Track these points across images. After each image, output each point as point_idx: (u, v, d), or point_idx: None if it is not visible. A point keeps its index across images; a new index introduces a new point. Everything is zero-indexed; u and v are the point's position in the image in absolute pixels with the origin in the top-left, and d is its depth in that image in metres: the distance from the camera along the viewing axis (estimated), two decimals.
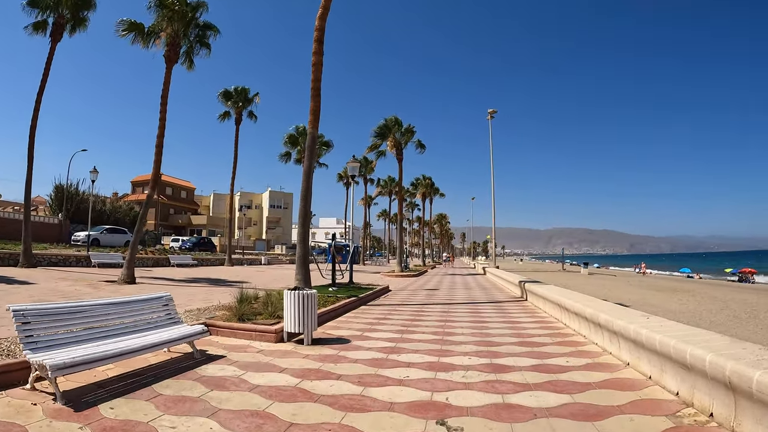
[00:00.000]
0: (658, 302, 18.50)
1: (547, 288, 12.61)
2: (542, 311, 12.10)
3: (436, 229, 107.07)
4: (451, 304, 13.68)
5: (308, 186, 13.14)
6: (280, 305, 8.26)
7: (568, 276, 39.52)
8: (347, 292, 14.30)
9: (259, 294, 10.82)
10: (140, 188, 73.27)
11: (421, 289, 19.36)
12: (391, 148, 33.55)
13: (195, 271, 26.37)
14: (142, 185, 73.31)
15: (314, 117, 13.40)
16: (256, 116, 36.94)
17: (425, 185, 57.79)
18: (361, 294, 13.93)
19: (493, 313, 11.66)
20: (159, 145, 19.32)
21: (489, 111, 43.70)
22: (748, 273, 47.32)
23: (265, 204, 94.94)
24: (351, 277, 17.94)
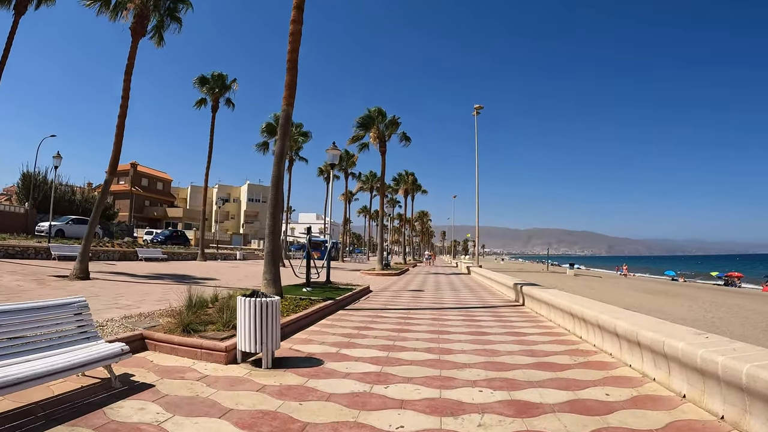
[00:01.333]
0: (662, 307, 17.21)
1: (550, 293, 11.07)
2: (545, 318, 10.59)
3: (417, 227, 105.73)
4: (440, 309, 12.06)
5: (280, 171, 11.40)
6: None
7: (555, 277, 38.30)
8: (323, 293, 12.61)
9: (220, 295, 9.14)
10: (115, 179, 70.65)
11: (404, 290, 17.73)
12: (374, 140, 31.79)
13: (163, 266, 24.50)
14: (117, 175, 70.61)
15: (289, 92, 11.69)
16: (234, 104, 35.43)
17: (408, 181, 56.05)
18: (338, 296, 12.25)
19: (491, 321, 10.06)
20: (120, 125, 17.71)
21: (475, 107, 42.32)
22: (735, 277, 46.84)
23: (243, 197, 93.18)
24: (328, 275, 16.24)
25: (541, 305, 11.22)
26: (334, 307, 11.04)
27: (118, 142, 17.65)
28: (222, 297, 9.90)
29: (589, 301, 9.07)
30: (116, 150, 17.68)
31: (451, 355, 6.58)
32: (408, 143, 33.14)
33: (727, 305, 19.38)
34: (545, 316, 10.79)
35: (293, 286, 14.33)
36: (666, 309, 17.08)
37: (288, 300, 10.42)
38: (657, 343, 5.39)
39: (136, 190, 69.40)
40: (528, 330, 9.05)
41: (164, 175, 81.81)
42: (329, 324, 9.11)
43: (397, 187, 57.30)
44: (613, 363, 6.35)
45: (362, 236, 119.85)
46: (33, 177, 38.63)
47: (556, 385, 5.24)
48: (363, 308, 11.79)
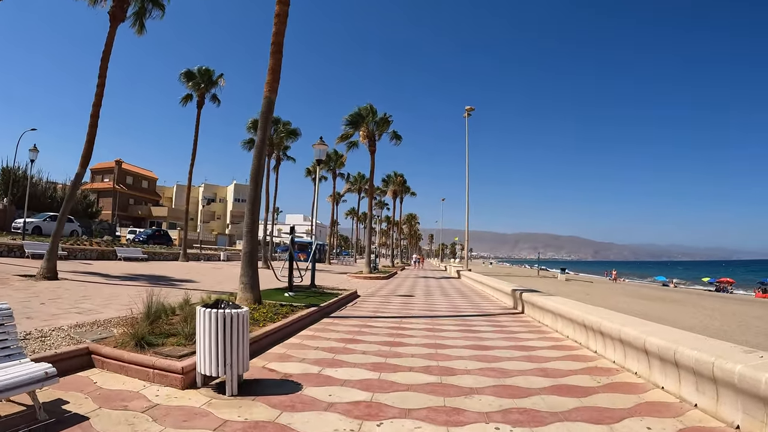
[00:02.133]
0: (664, 314, 16.35)
1: (555, 300, 10.12)
2: (549, 329, 9.65)
3: (406, 230, 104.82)
4: (434, 317, 11.07)
5: (260, 164, 10.36)
6: None
7: (547, 282, 37.44)
8: (306, 299, 11.57)
9: (191, 300, 8.12)
10: (99, 176, 69.44)
11: (394, 295, 16.73)
12: (363, 139, 30.74)
13: (141, 267, 23.32)
14: (101, 173, 69.48)
15: (273, 77, 10.66)
16: (220, 100, 34.54)
17: (397, 182, 55.05)
18: (323, 302, 11.20)
19: (492, 332, 9.08)
20: (95, 114, 16.84)
21: (466, 108, 41.50)
22: (726, 283, 46.52)
23: (229, 197, 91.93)
24: (313, 279, 15.16)
25: (545, 314, 10.29)
26: (318, 314, 10.01)
27: (92, 133, 16.73)
28: (193, 303, 8.89)
29: (605, 312, 8.12)
30: (89, 142, 16.72)
31: (454, 377, 5.58)
32: (399, 142, 32.17)
33: (730, 312, 18.63)
34: (550, 326, 9.86)
35: (275, 290, 13.29)
36: (668, 316, 16.26)
37: (267, 307, 9.37)
38: (703, 365, 4.50)
39: (120, 188, 67.83)
40: (535, 343, 8.08)
41: (149, 173, 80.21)
42: (312, 335, 8.07)
43: (386, 189, 56.33)
44: (641, 385, 5.44)
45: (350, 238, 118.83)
46: (12, 172, 37.19)
47: (586, 417, 4.29)
48: (350, 316, 10.77)
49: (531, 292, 12.42)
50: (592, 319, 7.42)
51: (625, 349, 6.28)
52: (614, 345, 6.66)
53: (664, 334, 5.68)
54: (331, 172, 53.53)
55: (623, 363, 6.32)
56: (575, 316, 8.19)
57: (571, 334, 8.50)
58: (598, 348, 7.24)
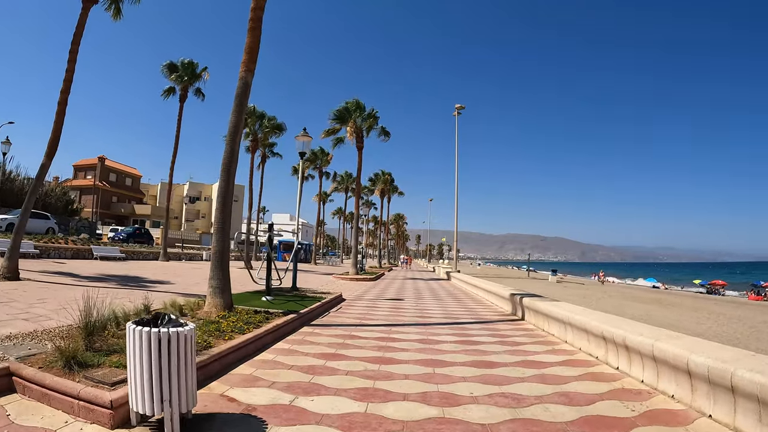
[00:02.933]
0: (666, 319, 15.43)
1: (564, 308, 9.08)
2: (557, 339, 8.64)
3: (393, 230, 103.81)
4: (427, 326, 9.99)
5: (233, 151, 9.22)
6: None
7: (539, 284, 36.51)
8: (285, 304, 10.48)
9: (152, 306, 7.05)
10: (82, 173, 68.00)
11: (382, 299, 15.63)
12: (350, 135, 29.61)
13: (117, 266, 22.14)
14: (84, 170, 67.98)
15: (249, 57, 9.57)
16: (204, 94, 33.53)
17: (384, 181, 53.88)
18: (304, 307, 10.11)
19: (495, 344, 8.02)
20: (63, 102, 15.92)
21: (456, 107, 40.68)
22: (718, 285, 46.10)
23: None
24: (294, 281, 14.05)
25: (551, 322, 9.28)
26: (297, 322, 8.90)
27: (59, 121, 15.80)
28: (156, 309, 7.78)
29: (626, 322, 7.09)
30: (56, 131, 15.74)
31: (459, 408, 4.49)
32: (387, 138, 31.10)
33: (735, 317, 17.86)
34: (557, 335, 8.84)
35: (252, 293, 12.19)
36: (672, 321, 15.36)
37: (238, 315, 8.26)
38: None
39: (102, 185, 66.23)
40: (545, 357, 7.06)
41: (133, 170, 78.49)
42: (288, 349, 6.97)
43: (373, 188, 55.20)
44: (686, 414, 4.49)
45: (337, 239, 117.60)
46: None
47: None
48: (333, 324, 9.66)
49: (532, 297, 11.42)
50: (615, 332, 6.41)
51: (659, 367, 5.30)
52: (643, 362, 5.67)
53: (711, 352, 4.69)
54: (318, 170, 52.39)
55: (655, 384, 5.34)
56: (592, 327, 7.18)
57: (585, 347, 7.50)
58: (621, 364, 6.25)
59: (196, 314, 8.32)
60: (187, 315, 8.21)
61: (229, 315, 8.13)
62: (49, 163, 15.93)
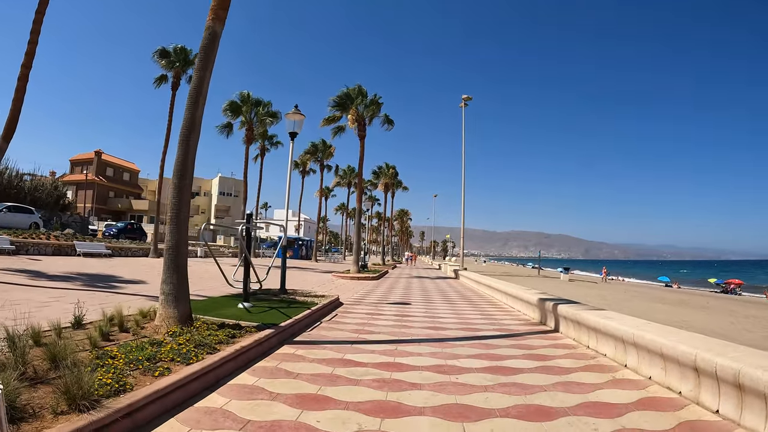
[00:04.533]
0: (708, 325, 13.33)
1: (626, 322, 6.95)
2: (611, 361, 6.62)
3: (397, 227, 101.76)
4: (442, 342, 7.87)
5: (194, 119, 7.14)
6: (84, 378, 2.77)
7: (552, 283, 34.35)
8: (265, 313, 8.43)
9: (87, 317, 5.11)
10: (79, 168, 66.02)
11: (385, 303, 13.52)
12: (351, 123, 27.49)
13: (98, 264, 20.51)
14: (81, 164, 66.16)
15: (219, 3, 7.52)
16: None
17: (388, 175, 51.60)
18: (287, 318, 8.05)
19: (536, 372, 5.94)
20: (23, 77, 14.10)
21: (463, 97, 38.65)
22: (734, 284, 43.85)
23: (214, 191, 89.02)
24: (283, 282, 11.99)
25: (600, 337, 7.22)
26: (274, 339, 6.84)
27: (19, 99, 14.19)
28: (89, 323, 5.84)
29: (729, 347, 5.04)
30: (15, 110, 14.12)
31: None
32: (391, 127, 28.99)
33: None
34: (611, 356, 6.80)
35: (229, 298, 10.18)
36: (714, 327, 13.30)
37: (196, 330, 6.24)
38: None
39: (99, 180, 64.50)
40: (612, 396, 4.99)
41: (131, 165, 76.59)
42: (249, 387, 4.89)
43: (377, 182, 52.98)
44: None
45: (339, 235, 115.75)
46: None
47: None
48: (323, 341, 7.54)
49: (569, 304, 9.32)
50: (721, 363, 4.36)
51: None
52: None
53: None
54: (319, 163, 50.27)
55: None
56: (680, 352, 5.10)
57: (659, 377, 5.48)
58: (727, 408, 4.23)
59: (140, 330, 6.33)
60: (129, 331, 6.22)
61: (183, 331, 6.11)
62: (5, 146, 14.05)
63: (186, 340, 5.66)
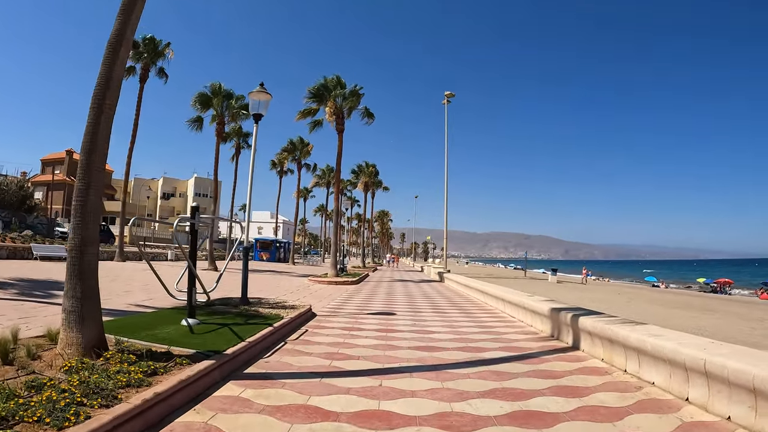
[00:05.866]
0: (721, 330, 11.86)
1: (687, 341, 5.25)
2: (665, 392, 4.98)
3: (377, 228, 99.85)
4: (440, 370, 6.06)
5: (111, 77, 5.27)
6: None
7: (541, 285, 32.87)
8: (211, 334, 6.57)
9: None
10: (50, 168, 63.58)
11: (365, 313, 11.61)
12: (329, 117, 25.58)
13: (51, 268, 19.10)
14: (52, 164, 63.94)
15: None
16: (168, 75, 29.89)
17: (368, 173, 49.67)
18: (240, 341, 6.17)
19: (579, 419, 4.24)
20: None
21: (446, 94, 37.22)
22: (725, 284, 43.21)
23: (190, 192, 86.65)
24: (245, 291, 10.11)
25: (645, 359, 5.58)
26: (215, 373, 4.95)
27: None
28: None
29: None
30: None
31: None
32: (371, 121, 27.17)
33: None
34: (663, 386, 5.16)
35: (176, 311, 8.33)
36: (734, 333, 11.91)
37: (103, 363, 4.41)
38: None
39: (70, 180, 62.04)
40: None
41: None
42: None
43: (356, 181, 51.02)
44: None
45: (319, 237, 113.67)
46: None
47: None
48: (282, 374, 5.58)
49: (591, 315, 7.62)
50: None
51: None
52: None
53: None
54: (296, 162, 48.21)
55: None
56: None
57: (742, 417, 3.82)
58: None
59: (32, 362, 4.53)
60: (15, 362, 4.42)
61: (84, 365, 4.30)
62: None
63: (80, 382, 3.85)
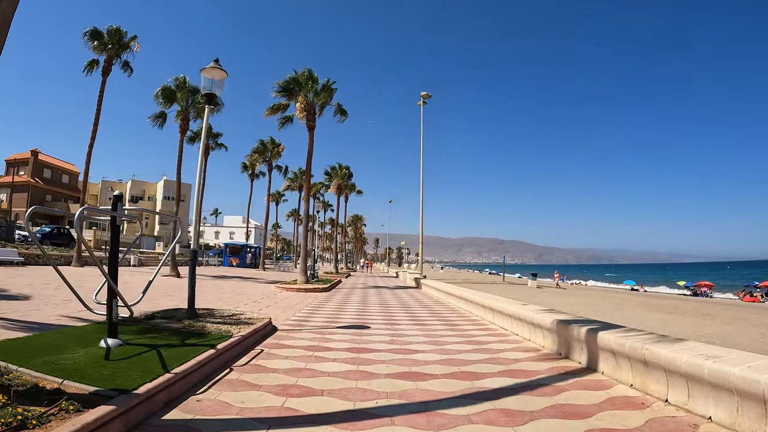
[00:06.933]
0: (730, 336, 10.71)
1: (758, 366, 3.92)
2: (712, 425, 3.58)
3: (351, 233, 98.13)
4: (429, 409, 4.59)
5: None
6: None
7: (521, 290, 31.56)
8: (129, 360, 4.92)
9: None
10: (14, 168, 60.70)
11: (335, 327, 9.96)
12: (300, 113, 23.92)
13: None
14: (16, 165, 61.12)
15: None
16: (132, 69, 27.83)
17: (341, 175, 47.98)
18: (161, 373, 4.61)
19: None
20: None
21: (422, 95, 36.14)
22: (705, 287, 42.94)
23: (159, 195, 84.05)
24: (191, 302, 8.46)
25: (700, 390, 4.21)
26: (117, 424, 3.47)
27: None
28: None
29: None
30: None
31: None
32: (344, 118, 25.64)
33: None
34: (726, 422, 3.78)
35: (95, 327, 6.73)
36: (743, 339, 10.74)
37: None
38: None
39: (35, 182, 59.23)
40: None
41: (71, 166, 70.99)
42: None
43: (329, 183, 49.30)
44: None
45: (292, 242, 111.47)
46: None
47: None
48: (211, 422, 4.01)
49: (612, 329, 6.19)
50: None
51: None
52: None
53: None
54: (267, 164, 46.38)
55: None
56: None
57: None
58: None
59: None
60: None
61: None
62: None
63: None
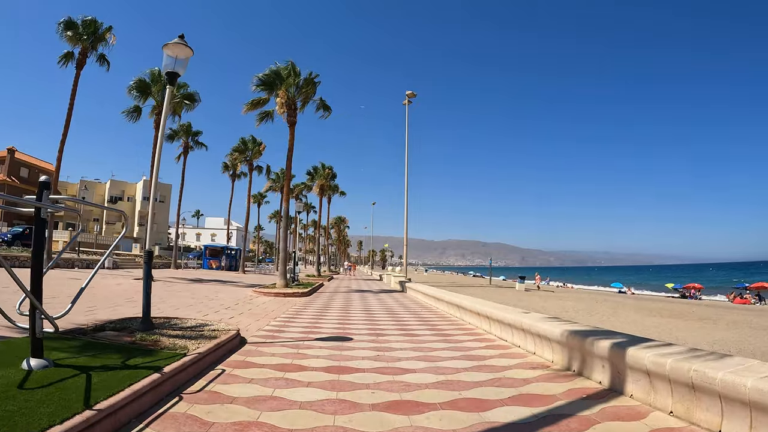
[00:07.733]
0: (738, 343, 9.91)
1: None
2: None
3: (334, 235, 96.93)
4: None
5: None
6: None
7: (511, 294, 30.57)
8: (47, 389, 3.77)
9: None
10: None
11: (313, 339, 8.81)
12: (280, 108, 22.74)
13: None
14: None
15: None
16: (109, 62, 26.86)
17: (324, 175, 46.79)
18: (74, 413, 3.45)
19: None
20: None
21: (407, 94, 35.38)
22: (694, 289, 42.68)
23: (138, 196, 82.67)
24: (146, 311, 7.31)
25: None
26: None
27: None
28: None
29: None
30: None
31: None
32: (327, 114, 24.58)
33: None
34: None
35: (27, 340, 5.62)
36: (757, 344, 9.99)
37: None
38: None
39: (11, 181, 57.58)
40: None
41: (49, 166, 69.25)
42: None
43: (311, 184, 48.11)
44: None
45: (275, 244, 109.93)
46: None
47: None
48: None
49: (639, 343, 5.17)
50: None
51: None
52: None
53: None
54: (248, 164, 45.16)
55: None
56: None
57: None
58: None
59: None
60: None
61: None
62: None
63: None
